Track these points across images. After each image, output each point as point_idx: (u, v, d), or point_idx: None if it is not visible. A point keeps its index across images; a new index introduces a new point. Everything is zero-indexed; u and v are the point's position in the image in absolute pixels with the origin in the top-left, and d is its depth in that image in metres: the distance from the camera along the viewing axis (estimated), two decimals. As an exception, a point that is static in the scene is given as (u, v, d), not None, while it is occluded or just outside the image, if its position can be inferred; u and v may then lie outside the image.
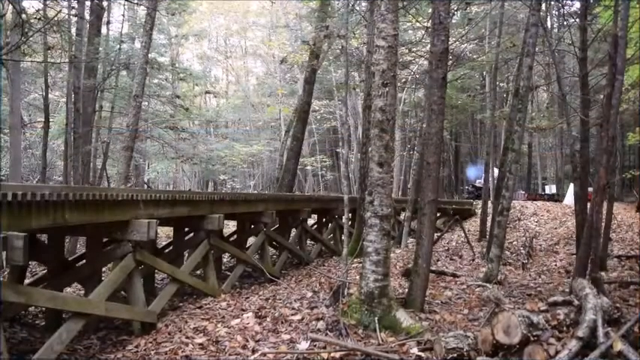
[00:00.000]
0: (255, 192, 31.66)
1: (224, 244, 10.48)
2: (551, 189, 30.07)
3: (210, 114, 35.16)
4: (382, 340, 5.55)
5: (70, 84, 16.09)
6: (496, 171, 24.33)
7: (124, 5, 21.63)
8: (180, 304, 8.62)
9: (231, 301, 8.29)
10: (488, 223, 14.11)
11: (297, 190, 33.77)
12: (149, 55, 13.94)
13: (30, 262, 10.13)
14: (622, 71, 7.23)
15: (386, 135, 6.26)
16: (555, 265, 11.83)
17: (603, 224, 9.54)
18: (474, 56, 20.99)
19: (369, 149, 6.51)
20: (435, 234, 13.11)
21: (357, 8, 15.27)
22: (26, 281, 8.32)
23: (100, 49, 16.27)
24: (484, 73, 26.23)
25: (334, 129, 36.18)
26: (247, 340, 5.87)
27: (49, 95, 18.03)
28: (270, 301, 8.09)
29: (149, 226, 6.80)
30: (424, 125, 10.46)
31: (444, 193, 33.00)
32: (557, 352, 4.41)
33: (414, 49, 18.16)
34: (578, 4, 16.02)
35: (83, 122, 15.59)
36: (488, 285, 8.79)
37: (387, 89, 6.23)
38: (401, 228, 16.03)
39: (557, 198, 26.18)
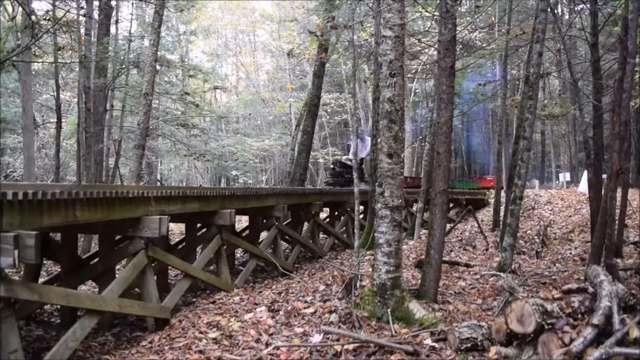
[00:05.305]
0: (267, 187, 31.70)
1: (236, 239, 10.51)
2: (565, 177, 29.78)
3: (221, 110, 35.23)
4: (395, 332, 5.53)
5: (80, 84, 16.19)
6: (368, 140, 17.54)
7: (133, 4, 21.73)
8: (194, 299, 8.66)
9: (244, 296, 8.31)
10: (502, 213, 14.01)
11: (309, 184, 33.78)
12: (158, 53, 13.97)
13: (45, 262, 10.28)
14: (634, 54, 7.13)
15: (395, 126, 6.21)
16: (570, 253, 11.73)
17: (618, 211, 9.44)
18: (484, 45, 20.77)
19: (379, 140, 6.47)
20: (448, 225, 13.09)
21: (365, -1, 15.16)
22: (41, 280, 8.40)
23: (110, 48, 16.33)
24: (494, 61, 25.99)
25: (345, 122, 36.13)
26: (260, 334, 5.88)
27: (61, 95, 18.15)
28: (283, 294, 8.11)
29: (160, 222, 6.82)
30: (434, 115, 10.38)
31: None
32: (572, 340, 4.35)
33: (424, 39, 18.04)
34: (588, -11, 15.79)
35: (95, 121, 15.70)
36: (502, 274, 8.71)
37: (394, 80, 6.18)
38: (413, 219, 15.97)
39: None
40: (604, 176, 10.07)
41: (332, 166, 19.86)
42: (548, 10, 10.07)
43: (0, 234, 4.57)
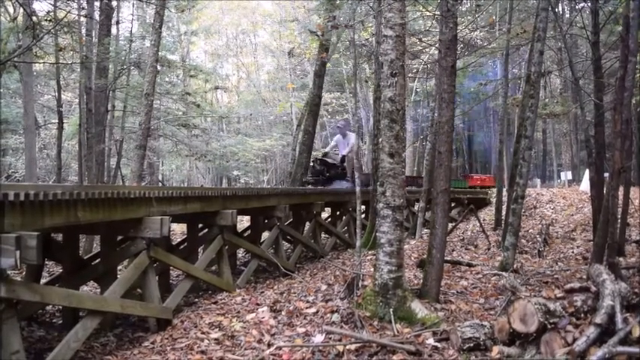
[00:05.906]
0: (269, 187, 31.69)
1: (238, 239, 10.50)
2: (566, 175, 29.74)
3: (222, 110, 35.26)
4: (397, 332, 5.52)
5: (82, 85, 16.21)
6: (352, 136, 15.55)
7: (133, 4, 21.74)
8: (196, 299, 8.65)
9: (246, 296, 8.30)
10: (504, 212, 13.99)
11: (311, 184, 33.71)
12: (159, 54, 13.96)
13: (47, 262, 10.28)
14: (635, 53, 7.12)
15: (396, 125, 6.20)
16: (572, 252, 11.71)
17: (620, 209, 9.42)
18: (485, 44, 20.76)
19: (380, 140, 6.46)
20: (450, 224, 13.07)
21: (365, -1, 15.16)
22: (42, 280, 8.40)
23: (111, 48, 16.34)
24: (496, 60, 25.98)
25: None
26: (263, 334, 5.86)
27: (62, 96, 18.19)
28: (285, 294, 8.09)
29: (162, 222, 6.81)
30: (435, 114, 10.38)
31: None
32: (574, 339, 4.34)
33: (425, 39, 18.04)
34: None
35: (96, 122, 15.71)
36: (504, 273, 8.69)
37: (395, 79, 6.17)
38: (415, 219, 15.95)
39: None
40: (606, 175, 10.06)
41: (312, 164, 17.96)
42: (549, 8, 10.05)
43: (1, 235, 4.56)
